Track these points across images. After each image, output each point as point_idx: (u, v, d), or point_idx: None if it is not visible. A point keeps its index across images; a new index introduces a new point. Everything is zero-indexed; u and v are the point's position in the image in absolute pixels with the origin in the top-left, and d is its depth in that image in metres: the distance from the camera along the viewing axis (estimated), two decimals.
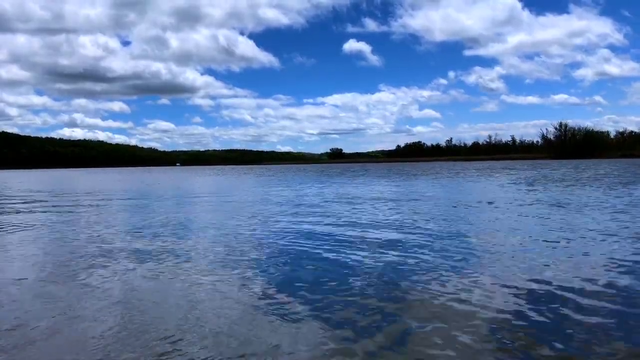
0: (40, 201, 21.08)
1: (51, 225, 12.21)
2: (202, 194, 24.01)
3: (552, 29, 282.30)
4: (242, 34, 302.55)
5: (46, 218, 13.99)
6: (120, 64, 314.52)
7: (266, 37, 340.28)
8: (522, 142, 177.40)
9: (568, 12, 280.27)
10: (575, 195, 17.55)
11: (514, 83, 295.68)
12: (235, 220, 12.31)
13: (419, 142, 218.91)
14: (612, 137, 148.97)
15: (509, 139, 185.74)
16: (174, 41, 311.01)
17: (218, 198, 21.17)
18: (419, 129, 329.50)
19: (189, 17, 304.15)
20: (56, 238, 10.03)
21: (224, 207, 16.54)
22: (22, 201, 21.45)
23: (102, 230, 10.98)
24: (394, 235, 9.30)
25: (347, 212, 13.78)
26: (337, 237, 9.24)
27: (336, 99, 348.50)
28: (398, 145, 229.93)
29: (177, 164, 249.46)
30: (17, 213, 15.75)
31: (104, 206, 17.89)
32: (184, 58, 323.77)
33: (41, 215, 14.77)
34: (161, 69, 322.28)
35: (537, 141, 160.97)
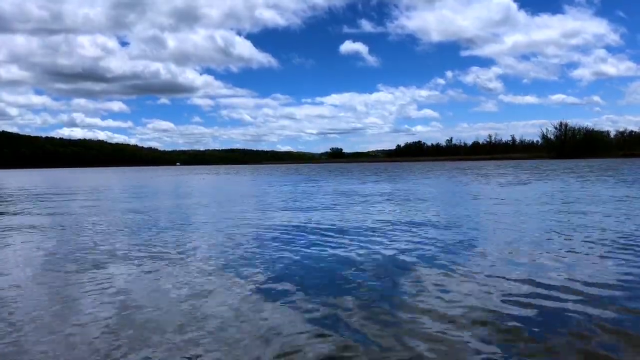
0: (41, 199, 20.96)
1: (50, 225, 12.09)
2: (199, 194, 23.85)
3: (547, 29, 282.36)
4: (239, 34, 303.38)
5: (45, 217, 13.87)
6: (119, 64, 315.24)
7: (263, 38, 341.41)
8: (522, 141, 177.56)
9: (563, 13, 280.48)
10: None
11: (512, 83, 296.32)
12: (231, 218, 12.20)
13: (419, 141, 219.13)
14: (612, 137, 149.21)
15: (509, 138, 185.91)
16: (172, 41, 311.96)
17: (215, 197, 20.95)
18: (419, 128, 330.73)
19: (187, 18, 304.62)
20: (54, 238, 9.91)
21: (220, 206, 16.43)
22: (22, 200, 21.34)
23: (101, 229, 10.85)
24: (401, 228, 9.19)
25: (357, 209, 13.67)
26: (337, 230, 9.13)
27: (335, 98, 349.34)
28: (398, 145, 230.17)
29: (177, 164, 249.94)
30: (14, 213, 15.65)
31: (103, 206, 17.76)
32: (183, 58, 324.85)
33: (40, 213, 14.64)
34: (160, 69, 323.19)
35: (537, 141, 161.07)
